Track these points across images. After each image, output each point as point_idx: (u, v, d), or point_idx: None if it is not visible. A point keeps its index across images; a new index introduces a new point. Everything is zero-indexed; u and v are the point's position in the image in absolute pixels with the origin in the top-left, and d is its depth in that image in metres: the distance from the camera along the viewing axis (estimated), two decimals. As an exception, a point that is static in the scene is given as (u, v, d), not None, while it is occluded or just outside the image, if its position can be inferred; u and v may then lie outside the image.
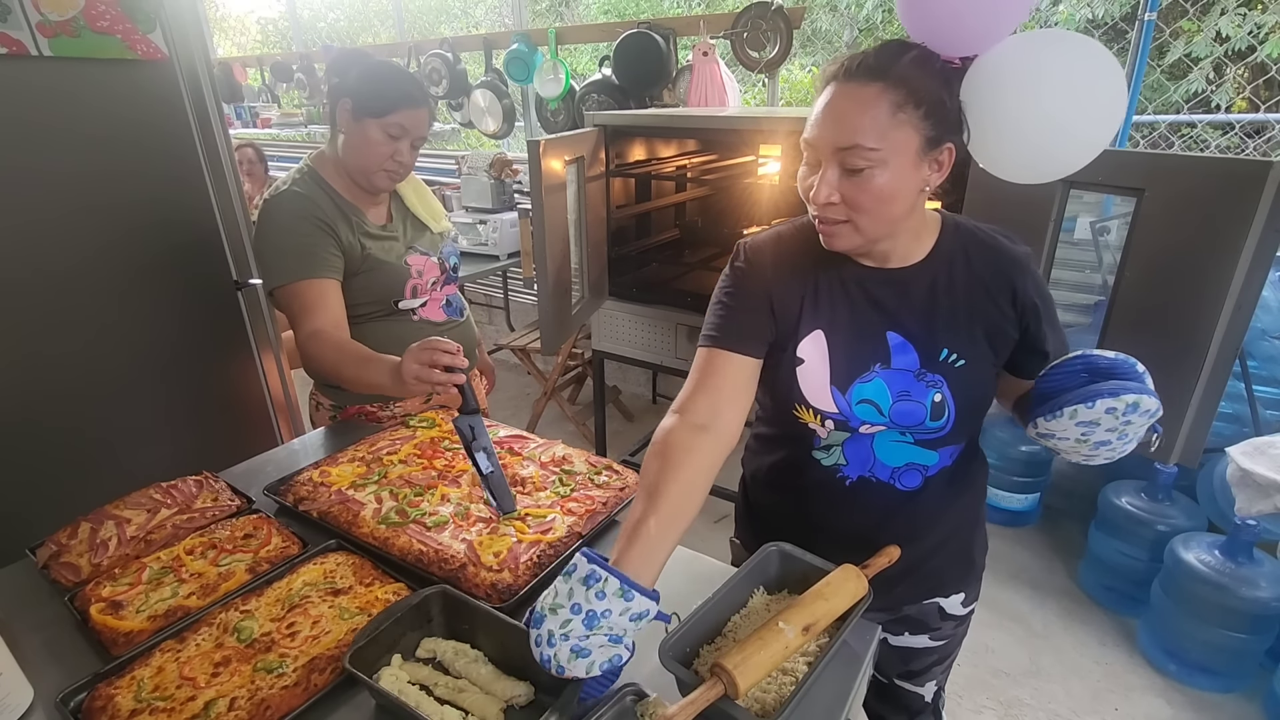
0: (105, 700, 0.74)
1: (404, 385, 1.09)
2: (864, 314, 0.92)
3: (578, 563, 0.71)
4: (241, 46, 10.48)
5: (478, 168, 3.42)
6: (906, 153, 0.80)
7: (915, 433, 0.92)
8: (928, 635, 1.09)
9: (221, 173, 1.70)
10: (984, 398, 0.93)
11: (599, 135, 2.09)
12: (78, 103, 1.45)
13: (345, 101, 1.29)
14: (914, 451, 0.94)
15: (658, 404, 3.73)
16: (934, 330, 0.90)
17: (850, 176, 0.81)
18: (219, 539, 1.00)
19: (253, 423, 1.89)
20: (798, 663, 0.78)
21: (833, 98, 0.81)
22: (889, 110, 0.78)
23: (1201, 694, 1.91)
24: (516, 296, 4.20)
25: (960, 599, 1.08)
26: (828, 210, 0.84)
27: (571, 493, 1.09)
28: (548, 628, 0.69)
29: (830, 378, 0.91)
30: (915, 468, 0.95)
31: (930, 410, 0.90)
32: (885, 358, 0.91)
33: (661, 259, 2.55)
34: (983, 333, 0.91)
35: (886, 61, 0.79)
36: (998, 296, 0.91)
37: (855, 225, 0.84)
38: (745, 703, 0.72)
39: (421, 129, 1.33)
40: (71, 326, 1.51)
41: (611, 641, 0.70)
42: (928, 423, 0.90)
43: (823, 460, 0.98)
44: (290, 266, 1.27)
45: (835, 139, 0.80)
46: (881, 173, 0.80)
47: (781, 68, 2.66)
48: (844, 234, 0.86)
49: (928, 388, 0.90)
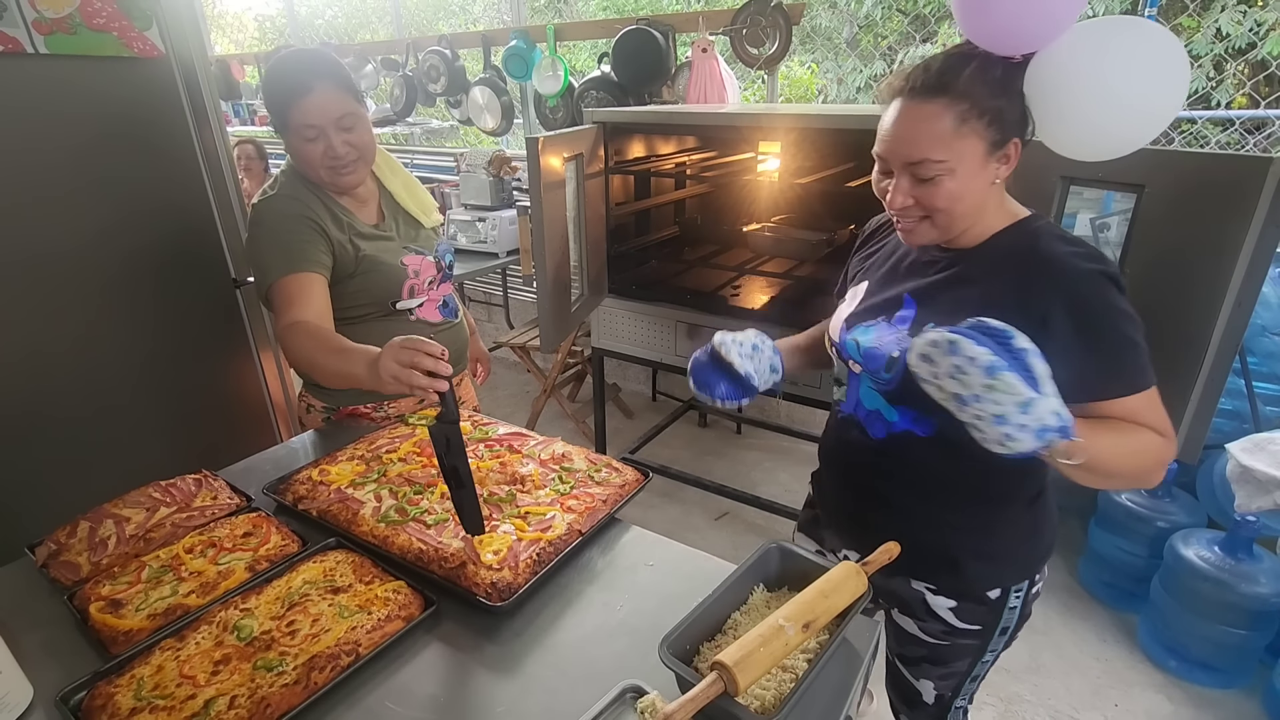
0: (105, 699, 0.74)
1: (380, 382, 1.00)
2: (899, 275, 1.03)
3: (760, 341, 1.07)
4: (239, 44, 10.46)
5: (476, 165, 3.42)
6: (974, 157, 0.87)
7: (874, 379, 1.00)
8: (914, 622, 1.11)
9: (219, 171, 1.70)
10: None
11: (598, 132, 2.09)
12: (74, 100, 1.44)
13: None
14: (878, 399, 1.02)
15: (658, 401, 3.73)
16: (937, 305, 0.95)
17: (921, 183, 0.89)
18: (218, 537, 1.00)
19: (252, 421, 1.90)
20: (798, 660, 0.78)
21: (898, 115, 0.89)
22: (953, 124, 0.85)
23: (1201, 690, 1.91)
24: (516, 294, 4.19)
25: (950, 605, 1.06)
26: (905, 212, 0.92)
27: (571, 490, 1.08)
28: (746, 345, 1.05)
29: (848, 315, 1.06)
30: (879, 418, 1.03)
31: (885, 362, 0.97)
32: (891, 314, 1.00)
33: (661, 256, 2.54)
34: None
35: (949, 77, 0.85)
36: (1007, 296, 0.89)
37: (932, 222, 0.92)
38: (745, 700, 0.72)
39: (329, 112, 1.22)
40: (69, 326, 1.51)
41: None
42: (881, 372, 0.98)
43: (835, 394, 1.13)
44: (277, 264, 1.25)
45: (905, 154, 0.88)
46: (950, 179, 0.87)
47: (781, 64, 2.65)
48: (922, 230, 0.94)
49: (897, 345, 0.96)
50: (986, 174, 0.89)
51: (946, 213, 0.90)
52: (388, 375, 0.98)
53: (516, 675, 0.82)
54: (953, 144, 0.85)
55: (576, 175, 2.02)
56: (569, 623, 0.90)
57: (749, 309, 2.13)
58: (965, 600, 1.06)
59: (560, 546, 0.97)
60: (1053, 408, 0.73)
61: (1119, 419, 0.88)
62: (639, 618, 0.90)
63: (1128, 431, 0.87)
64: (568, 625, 0.89)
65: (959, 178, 0.87)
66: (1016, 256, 0.92)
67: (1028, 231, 0.94)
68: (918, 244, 0.98)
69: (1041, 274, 0.89)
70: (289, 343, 1.23)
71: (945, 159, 0.86)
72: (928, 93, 0.85)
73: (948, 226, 0.92)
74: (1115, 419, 0.88)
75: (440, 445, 0.96)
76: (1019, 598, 1.06)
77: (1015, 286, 0.90)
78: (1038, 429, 0.73)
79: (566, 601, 0.93)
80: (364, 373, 1.05)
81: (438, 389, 0.96)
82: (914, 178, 0.89)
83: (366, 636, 0.82)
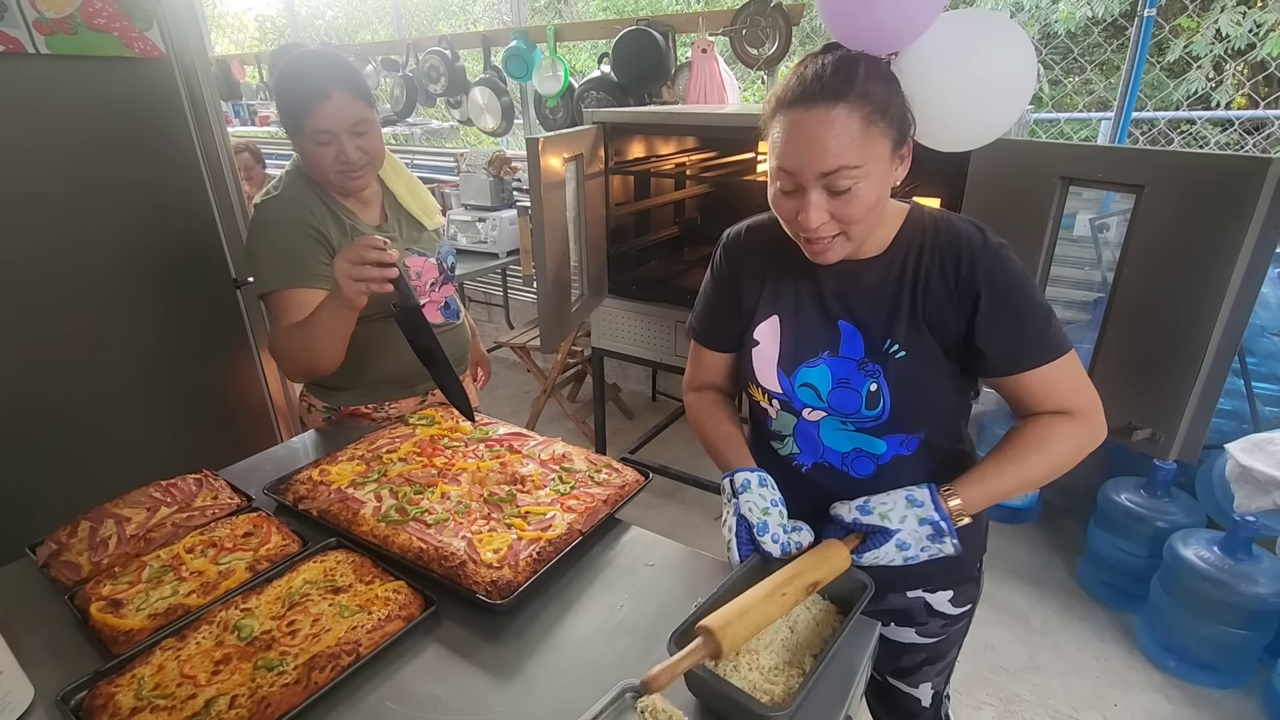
0: (106, 698, 0.74)
1: (345, 297, 1.10)
2: (819, 303, 0.97)
3: (749, 477, 0.95)
4: (239, 44, 10.46)
5: (477, 165, 3.42)
6: (882, 158, 0.84)
7: (854, 420, 0.95)
8: (914, 630, 1.09)
9: (220, 171, 1.70)
10: (927, 391, 0.93)
11: (598, 133, 2.09)
12: (75, 101, 1.45)
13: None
14: (858, 439, 0.97)
15: (657, 401, 3.73)
16: (881, 320, 0.92)
17: (837, 195, 0.83)
18: (219, 537, 1.00)
19: (252, 421, 1.90)
20: (804, 656, 0.79)
21: (801, 125, 0.82)
22: (861, 126, 0.80)
23: (1200, 690, 1.92)
24: (516, 294, 4.19)
25: (949, 597, 1.07)
26: (820, 230, 0.86)
27: (571, 490, 1.08)
28: (776, 524, 0.91)
29: (779, 360, 0.99)
30: (864, 455, 0.97)
31: (865, 399, 0.93)
32: (835, 346, 0.95)
33: (661, 256, 2.55)
34: (928, 324, 0.91)
35: (846, 79, 0.81)
36: (941, 283, 0.90)
37: (848, 236, 0.87)
38: (757, 694, 0.73)
39: (344, 118, 1.23)
40: (70, 325, 1.51)
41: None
42: (863, 411, 0.93)
43: (779, 450, 1.05)
44: (279, 274, 1.26)
45: (818, 165, 0.82)
46: (866, 185, 0.83)
47: (781, 64, 2.66)
48: (837, 246, 0.88)
49: (866, 377, 0.93)
50: (890, 177, 0.86)
51: (863, 223, 0.86)
52: (345, 281, 1.08)
53: (517, 675, 0.82)
54: (865, 146, 0.81)
55: (577, 175, 2.02)
56: (569, 622, 0.90)
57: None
58: (961, 584, 1.08)
59: (560, 546, 0.97)
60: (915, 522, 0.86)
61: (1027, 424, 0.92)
62: (639, 617, 0.90)
63: (1026, 453, 0.90)
64: (568, 625, 0.89)
65: (873, 183, 0.83)
66: (922, 243, 0.91)
67: (924, 220, 0.93)
68: (830, 261, 0.90)
69: (958, 257, 0.88)
70: (278, 349, 1.26)
71: (860, 164, 0.81)
72: (829, 97, 0.80)
73: (862, 238, 0.88)
74: (1013, 437, 0.92)
75: (408, 329, 1.08)
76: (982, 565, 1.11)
77: (942, 278, 0.89)
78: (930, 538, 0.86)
79: (567, 601, 0.93)
80: (333, 303, 1.15)
81: (389, 276, 1.08)
82: (828, 191, 0.83)
83: (367, 636, 0.82)
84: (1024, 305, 0.88)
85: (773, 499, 0.93)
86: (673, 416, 3.24)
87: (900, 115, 0.85)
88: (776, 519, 0.91)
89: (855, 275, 0.94)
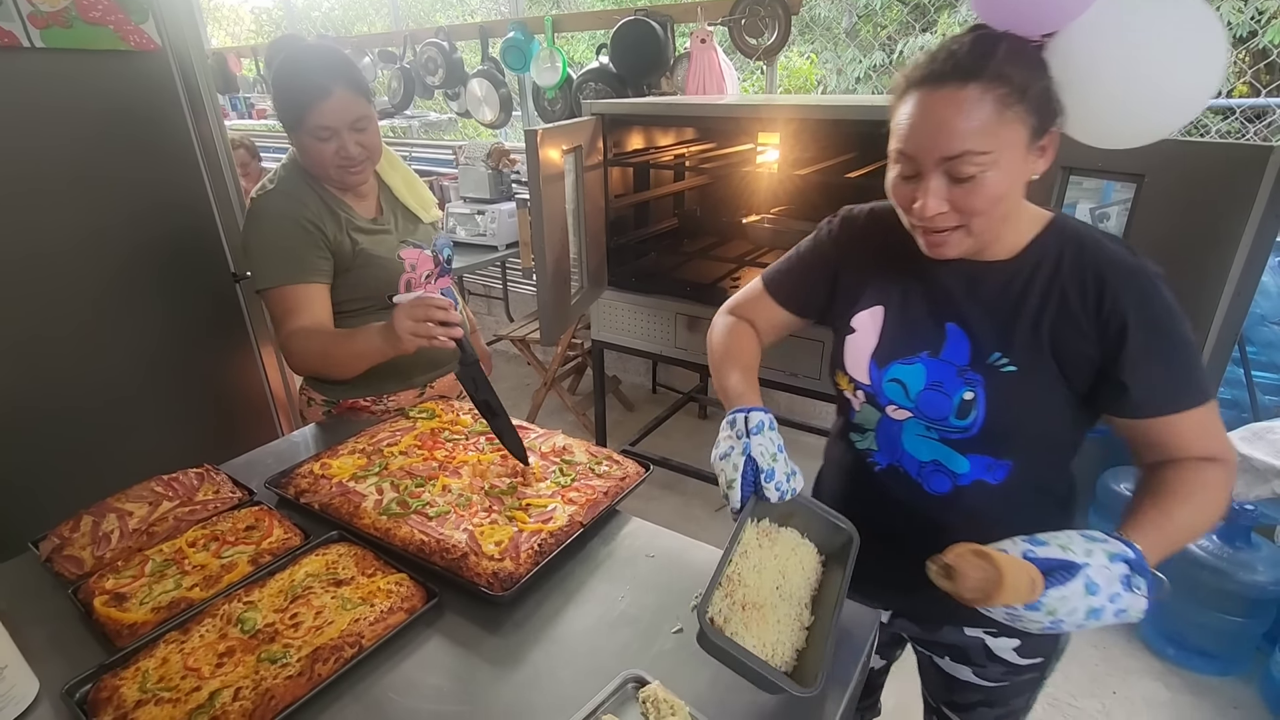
0: (110, 691, 0.75)
1: (399, 342, 1.12)
2: (928, 301, 0.90)
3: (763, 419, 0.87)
4: (236, 37, 10.39)
5: (475, 158, 3.41)
6: (1016, 147, 0.76)
7: (940, 428, 0.88)
8: (970, 669, 1.02)
9: (217, 164, 1.70)
10: (1032, 413, 0.84)
11: (597, 124, 2.08)
12: (71, 95, 1.44)
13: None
14: (940, 450, 0.90)
15: (658, 394, 3.73)
16: (994, 330, 0.85)
17: (960, 183, 0.76)
18: (221, 531, 1.00)
19: (252, 415, 1.90)
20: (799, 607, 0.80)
21: (928, 105, 0.76)
22: (995, 109, 0.73)
23: (1199, 677, 1.93)
24: (515, 287, 4.19)
25: (1014, 645, 0.97)
26: (937, 221, 0.79)
27: (572, 482, 1.09)
28: (782, 471, 0.84)
29: (874, 351, 0.93)
30: (943, 470, 0.90)
31: (956, 407, 0.85)
32: (936, 347, 0.88)
33: (660, 248, 2.54)
34: (1050, 343, 0.82)
35: (981, 58, 0.74)
36: (1080, 306, 0.81)
37: (968, 230, 0.80)
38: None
39: (345, 115, 1.23)
40: (69, 321, 1.51)
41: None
42: (952, 419, 0.86)
43: (857, 443, 0.99)
44: (277, 270, 1.26)
45: (942, 148, 0.75)
46: (994, 174, 0.75)
47: (780, 54, 2.64)
48: (955, 240, 0.81)
49: (963, 384, 0.85)
50: (1026, 169, 0.78)
51: (986, 217, 0.78)
52: (406, 334, 1.10)
53: (519, 666, 0.82)
54: (996, 133, 0.74)
55: (575, 167, 2.02)
56: (571, 614, 0.90)
57: (749, 301, 2.13)
58: (1030, 636, 0.95)
59: (561, 538, 0.97)
60: (1105, 558, 0.68)
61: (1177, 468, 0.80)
62: (640, 609, 0.91)
63: (1189, 497, 0.78)
64: (569, 616, 0.90)
65: (1002, 173, 0.75)
66: (1059, 256, 0.82)
67: (1066, 233, 0.84)
68: (947, 257, 0.83)
69: (1103, 281, 0.80)
70: (294, 348, 1.26)
71: (989, 150, 0.74)
72: (961, 76, 0.73)
73: (984, 234, 0.80)
74: (1169, 480, 0.80)
75: (469, 385, 1.13)
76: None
77: (1082, 297, 0.81)
78: (1123, 582, 0.68)
79: (568, 593, 0.94)
80: (380, 342, 1.16)
81: (454, 336, 1.11)
82: (950, 177, 0.76)
83: (369, 628, 0.83)
84: (1178, 341, 0.79)
85: (779, 444, 0.88)
86: (673, 408, 3.24)
87: (1042, 102, 0.76)
88: (782, 466, 0.85)
89: (974, 278, 0.87)
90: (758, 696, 0.77)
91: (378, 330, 1.17)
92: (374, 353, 1.19)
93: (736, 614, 0.77)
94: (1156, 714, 1.84)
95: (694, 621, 0.86)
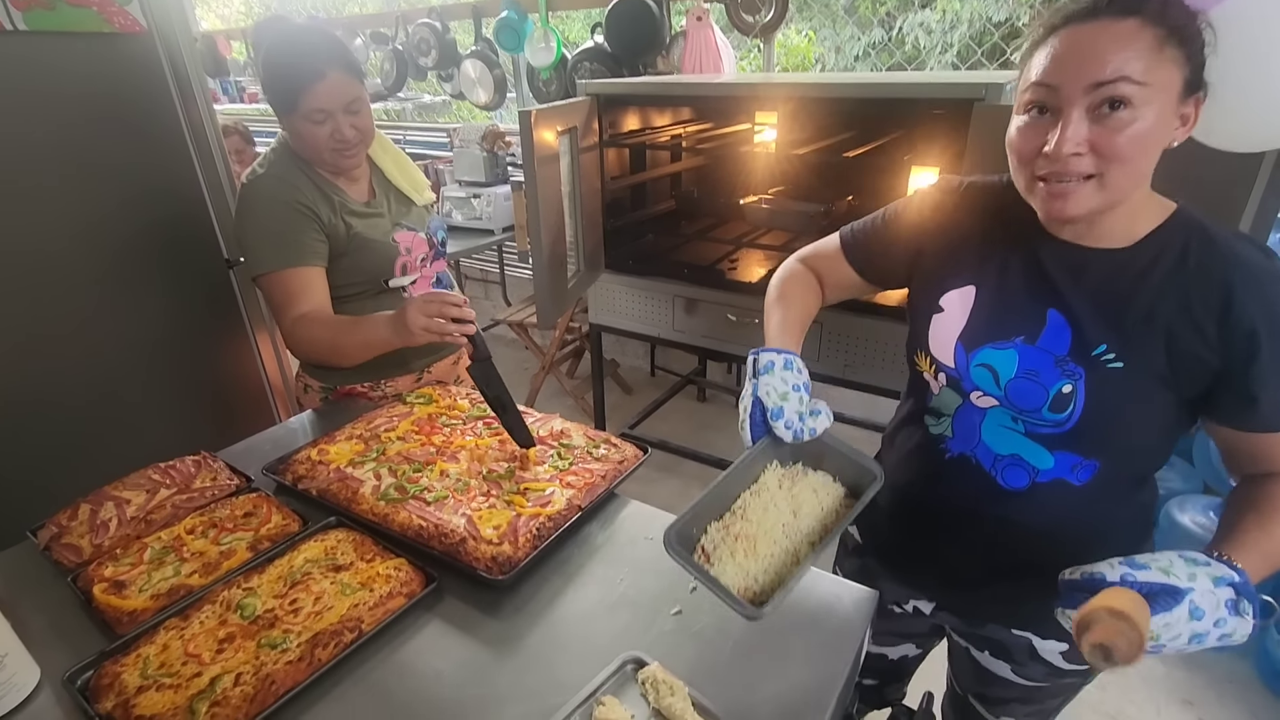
0: (112, 678, 0.75)
1: (410, 335, 1.12)
2: (1030, 283, 0.83)
3: (774, 359, 0.87)
4: (225, 19, 10.23)
5: (470, 140, 3.37)
6: (1169, 93, 0.69)
7: (1028, 420, 0.83)
8: (1010, 667, 0.99)
9: (208, 149, 1.68)
10: (1134, 415, 0.79)
11: (592, 104, 2.05)
12: (56, 79, 1.41)
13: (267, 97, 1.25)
14: (1023, 444, 0.85)
15: (656, 377, 3.73)
16: (1102, 321, 0.79)
17: (1103, 121, 0.69)
18: (219, 518, 1.00)
19: (249, 402, 1.90)
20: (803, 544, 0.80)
21: (1079, 36, 0.69)
22: (1153, 45, 0.67)
23: (1194, 653, 1.94)
24: (512, 271, 4.17)
25: (1061, 650, 0.94)
26: (1072, 164, 0.71)
27: (570, 466, 1.09)
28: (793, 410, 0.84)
29: (961, 333, 0.87)
30: (1022, 465, 0.85)
31: (1052, 399, 0.80)
32: (1034, 334, 0.82)
33: (658, 230, 2.52)
34: (1164, 343, 0.76)
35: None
36: (1203, 308, 0.74)
37: (1102, 181, 0.71)
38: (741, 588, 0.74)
39: (340, 98, 1.21)
40: (63, 308, 1.50)
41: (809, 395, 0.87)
42: (1045, 412, 0.80)
43: (931, 427, 0.94)
44: (273, 255, 1.24)
45: (1093, 73, 0.67)
46: (1146, 112, 0.68)
47: (777, 32, 2.60)
48: (1085, 195, 0.72)
49: (1062, 375, 0.79)
50: (1170, 128, 0.71)
51: (1125, 167, 0.70)
52: (418, 328, 1.10)
53: (518, 649, 0.83)
54: (1154, 68, 0.67)
55: (571, 149, 1.99)
56: (569, 597, 0.91)
57: (747, 282, 2.12)
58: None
59: (560, 521, 0.97)
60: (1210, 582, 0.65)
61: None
62: (639, 591, 0.91)
63: None
64: (568, 599, 0.90)
65: (1152, 117, 0.68)
66: (1183, 250, 0.76)
67: (1192, 226, 0.77)
68: (1071, 214, 0.74)
69: (1230, 283, 0.73)
70: (300, 334, 1.25)
71: (1146, 81, 0.66)
72: (1118, 9, 0.67)
73: (1118, 190, 0.72)
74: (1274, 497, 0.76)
75: (480, 381, 1.12)
76: None
77: (1204, 302, 0.74)
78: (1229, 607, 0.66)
79: (567, 576, 0.94)
80: (388, 333, 1.16)
81: (466, 333, 1.11)
82: (1094, 117, 0.69)
83: (369, 613, 0.83)
84: None
85: (795, 383, 0.85)
86: (672, 391, 3.24)
87: (1199, 58, 0.69)
88: (794, 405, 0.83)
89: (1082, 263, 0.80)
90: (756, 676, 0.77)
91: (386, 321, 1.17)
92: (381, 343, 1.19)
93: (727, 543, 0.77)
94: (1152, 689, 1.86)
95: (692, 605, 0.87)
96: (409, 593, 0.88)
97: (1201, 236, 0.76)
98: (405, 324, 1.12)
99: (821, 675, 0.78)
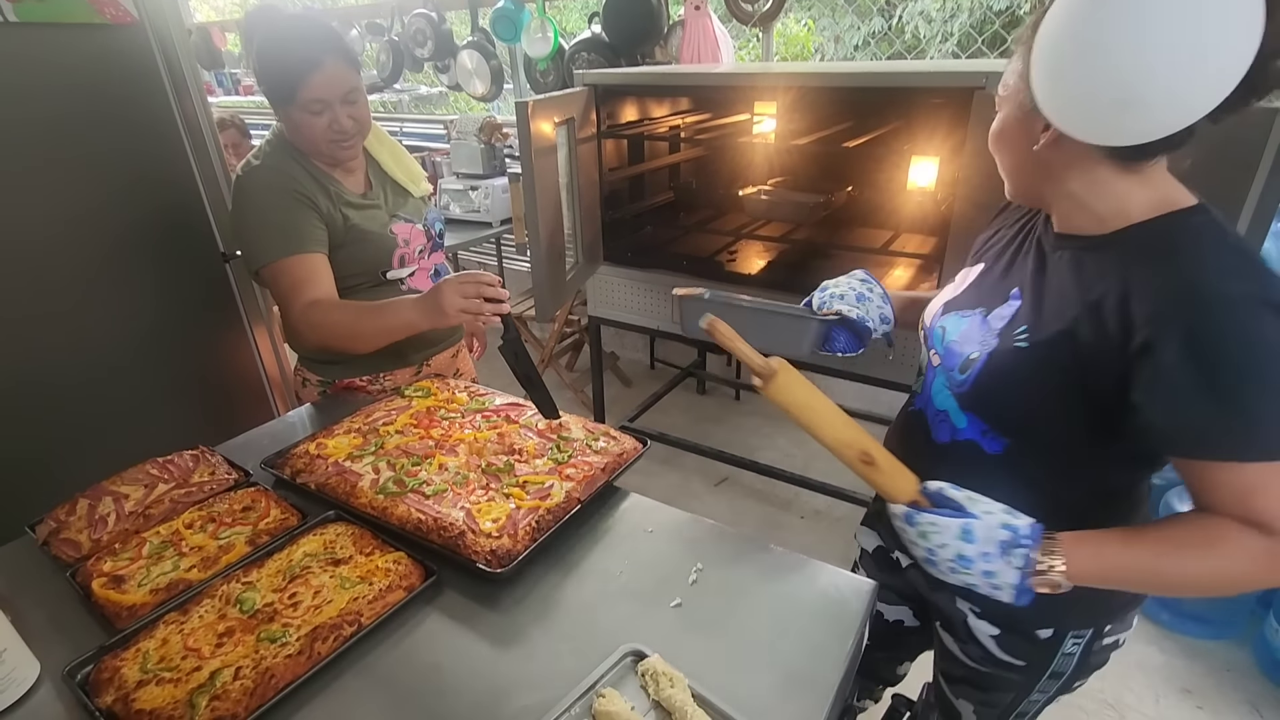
0: (111, 672, 0.75)
1: (444, 317, 1.12)
2: (1014, 265, 0.90)
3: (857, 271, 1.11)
4: (220, 10, 10.15)
5: (467, 132, 3.36)
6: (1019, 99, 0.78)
7: (948, 378, 0.90)
8: (955, 642, 1.03)
9: (203, 142, 1.66)
10: (1025, 395, 0.80)
11: (589, 95, 2.04)
12: (47, 71, 1.40)
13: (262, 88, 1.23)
14: (948, 400, 0.91)
15: (656, 369, 3.72)
16: (1040, 304, 0.81)
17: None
18: (218, 512, 1.00)
19: (247, 396, 1.89)
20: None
21: None
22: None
23: (1193, 641, 1.95)
24: (511, 263, 4.16)
25: (993, 633, 0.96)
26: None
27: (569, 459, 1.08)
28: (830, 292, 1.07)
29: (948, 300, 0.96)
30: (947, 421, 0.92)
31: (961, 362, 0.87)
32: (992, 308, 0.88)
33: (656, 222, 2.51)
34: (1071, 333, 0.76)
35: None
36: (1122, 325, 0.71)
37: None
38: None
39: (338, 88, 1.20)
40: (59, 303, 1.49)
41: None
42: (955, 373, 0.88)
43: (914, 386, 1.05)
44: (275, 244, 1.23)
45: None
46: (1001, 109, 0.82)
47: (776, 21, 2.59)
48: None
49: (980, 345, 0.85)
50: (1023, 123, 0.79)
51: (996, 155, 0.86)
52: (454, 310, 1.11)
53: (518, 642, 0.83)
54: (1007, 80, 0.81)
55: (568, 140, 1.98)
56: (569, 589, 0.91)
57: (746, 274, 2.11)
58: (1010, 633, 0.95)
59: (559, 514, 0.97)
60: (997, 521, 0.73)
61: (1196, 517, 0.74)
62: (639, 583, 0.91)
63: (1181, 545, 0.73)
64: (568, 592, 0.90)
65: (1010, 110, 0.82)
66: (1147, 258, 0.72)
67: (1177, 229, 0.73)
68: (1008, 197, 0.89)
69: (1166, 290, 0.69)
70: (315, 320, 1.23)
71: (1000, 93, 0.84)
72: None
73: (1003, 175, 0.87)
74: (1170, 523, 0.75)
75: (510, 359, 1.15)
76: (1078, 645, 0.94)
77: (1122, 297, 0.72)
78: (999, 546, 0.72)
79: (566, 569, 0.94)
80: (415, 316, 1.17)
81: (500, 313, 1.13)
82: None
83: (368, 607, 0.83)
84: (1226, 376, 0.66)
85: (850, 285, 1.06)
86: (671, 384, 3.24)
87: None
88: (833, 289, 1.05)
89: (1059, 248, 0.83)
90: (755, 667, 0.77)
91: (413, 304, 1.16)
92: (406, 327, 1.19)
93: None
94: (1150, 677, 1.87)
95: (692, 596, 0.87)
96: (408, 586, 0.87)
97: (1173, 242, 0.72)
98: (440, 305, 1.11)
99: (821, 665, 0.78)
